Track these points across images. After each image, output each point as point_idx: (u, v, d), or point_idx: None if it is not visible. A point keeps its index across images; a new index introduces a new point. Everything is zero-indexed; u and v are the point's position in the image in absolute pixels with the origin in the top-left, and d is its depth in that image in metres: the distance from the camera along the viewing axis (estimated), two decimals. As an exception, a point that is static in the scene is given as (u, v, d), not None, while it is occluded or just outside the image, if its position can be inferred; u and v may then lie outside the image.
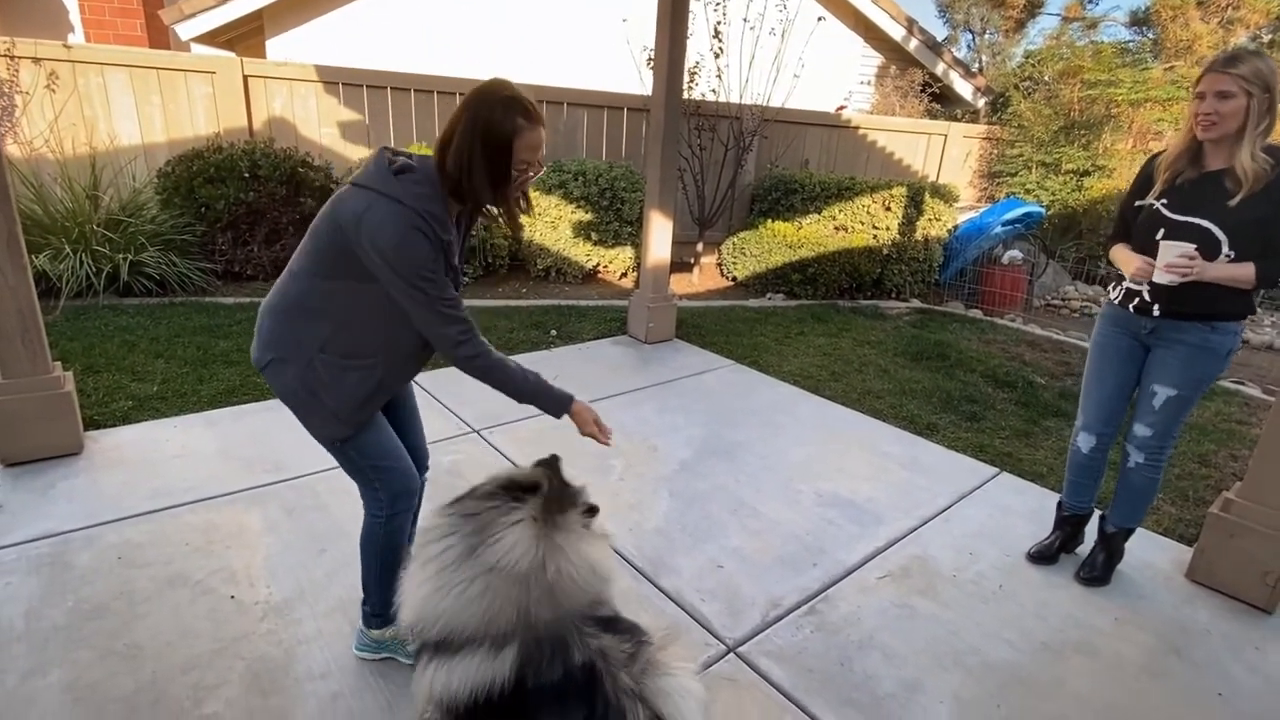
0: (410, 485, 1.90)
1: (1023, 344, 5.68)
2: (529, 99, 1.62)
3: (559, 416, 1.88)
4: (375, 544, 1.91)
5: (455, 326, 1.69)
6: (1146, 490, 2.58)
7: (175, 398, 3.56)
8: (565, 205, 6.18)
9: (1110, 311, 2.59)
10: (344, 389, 1.73)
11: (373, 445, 1.83)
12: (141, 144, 5.89)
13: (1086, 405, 2.67)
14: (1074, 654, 2.27)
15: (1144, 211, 2.39)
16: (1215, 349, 2.33)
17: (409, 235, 1.58)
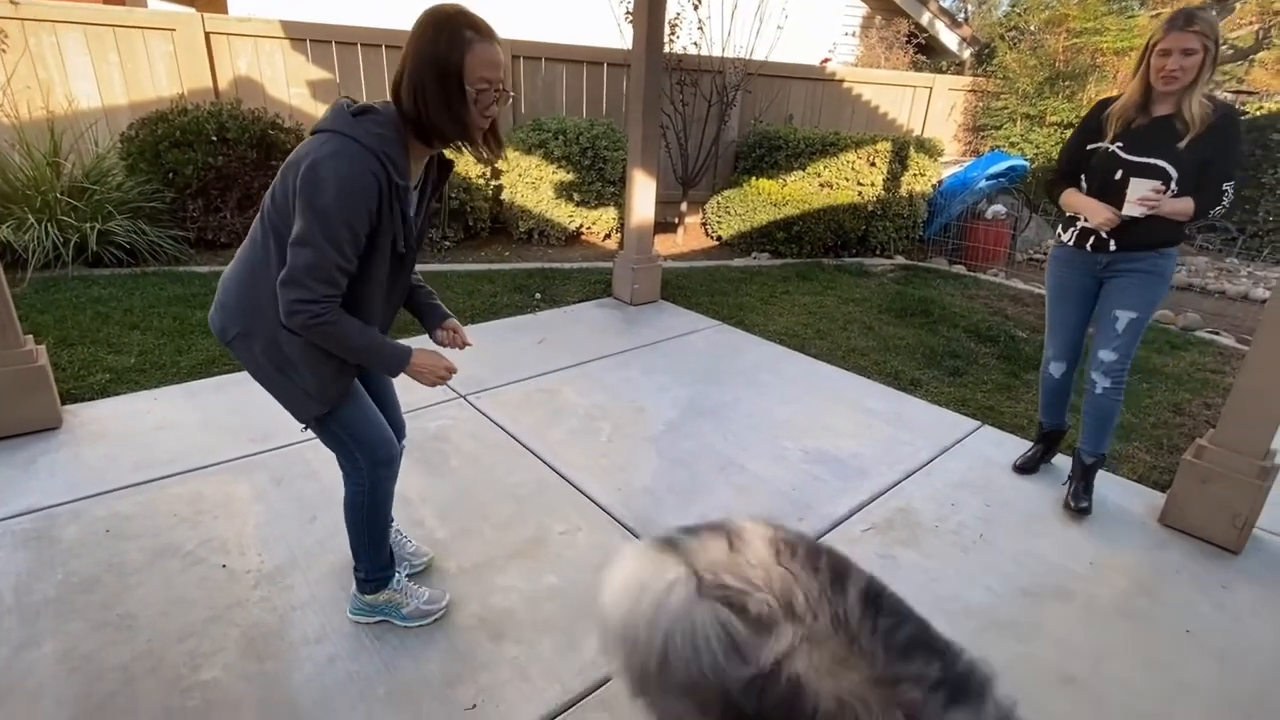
0: (391, 453, 1.89)
1: (1005, 299, 5.73)
2: (474, 14, 1.52)
3: (395, 374, 1.75)
4: (360, 512, 1.92)
5: (325, 288, 1.54)
6: (1112, 413, 2.80)
7: (154, 370, 3.50)
8: (546, 165, 6.06)
9: (1064, 254, 2.82)
10: (314, 366, 1.68)
11: (351, 417, 1.81)
12: (102, 106, 5.67)
13: (1054, 339, 2.94)
14: (1051, 598, 2.35)
15: (1098, 155, 2.60)
16: (1163, 272, 2.63)
17: (357, 175, 1.48)
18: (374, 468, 1.87)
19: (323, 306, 1.55)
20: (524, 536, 2.49)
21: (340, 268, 1.54)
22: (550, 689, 1.88)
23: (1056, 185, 2.78)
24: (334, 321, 1.58)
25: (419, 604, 2.06)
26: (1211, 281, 6.78)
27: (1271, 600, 2.40)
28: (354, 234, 1.53)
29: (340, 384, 1.75)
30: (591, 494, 2.77)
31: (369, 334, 1.66)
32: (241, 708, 1.77)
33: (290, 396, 1.75)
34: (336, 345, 1.63)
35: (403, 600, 2.05)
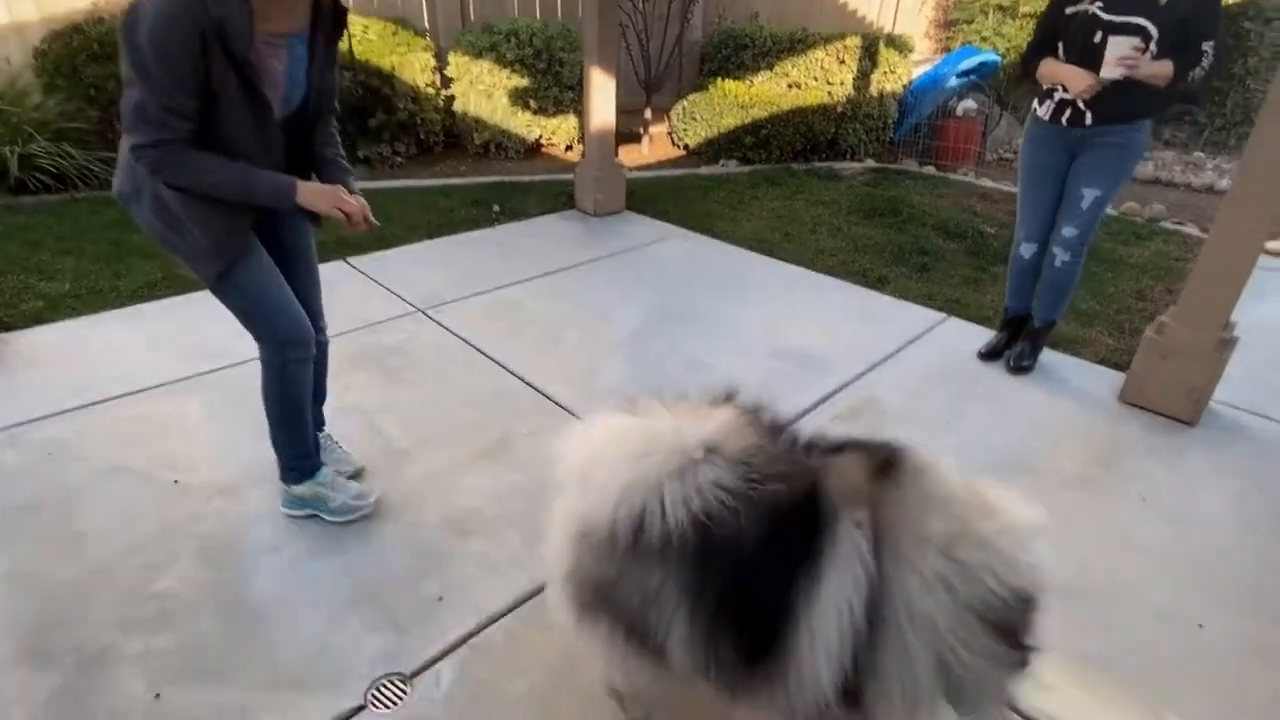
0: (301, 334, 1.84)
1: (974, 196, 5.65)
2: None
3: (288, 208, 1.66)
4: (272, 394, 1.89)
5: (155, 131, 1.48)
6: (1069, 284, 2.87)
7: (91, 295, 3.32)
8: (499, 71, 5.71)
9: (1040, 129, 2.77)
10: (202, 221, 1.63)
11: (255, 288, 1.76)
12: (10, 22, 5.16)
13: (1026, 219, 2.92)
14: (1015, 473, 2.38)
15: (1078, 18, 2.52)
16: (1135, 146, 2.62)
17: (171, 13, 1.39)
18: (282, 347, 1.82)
19: (159, 150, 1.50)
20: (488, 440, 2.45)
21: (167, 108, 1.46)
22: (518, 578, 1.87)
23: (1033, 57, 2.70)
24: (180, 162, 1.53)
25: (346, 499, 2.04)
26: (1178, 175, 6.75)
27: (1223, 467, 2.47)
28: (174, 75, 1.43)
29: (233, 240, 1.69)
30: (556, 397, 2.72)
31: (235, 168, 1.58)
32: (200, 613, 1.74)
33: (188, 255, 1.70)
34: (199, 184, 1.57)
35: (329, 495, 2.03)
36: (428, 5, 6.19)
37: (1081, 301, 3.74)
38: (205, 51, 1.44)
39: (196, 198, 1.60)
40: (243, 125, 1.58)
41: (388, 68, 5.25)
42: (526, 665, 1.64)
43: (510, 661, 1.65)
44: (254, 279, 1.75)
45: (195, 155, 1.53)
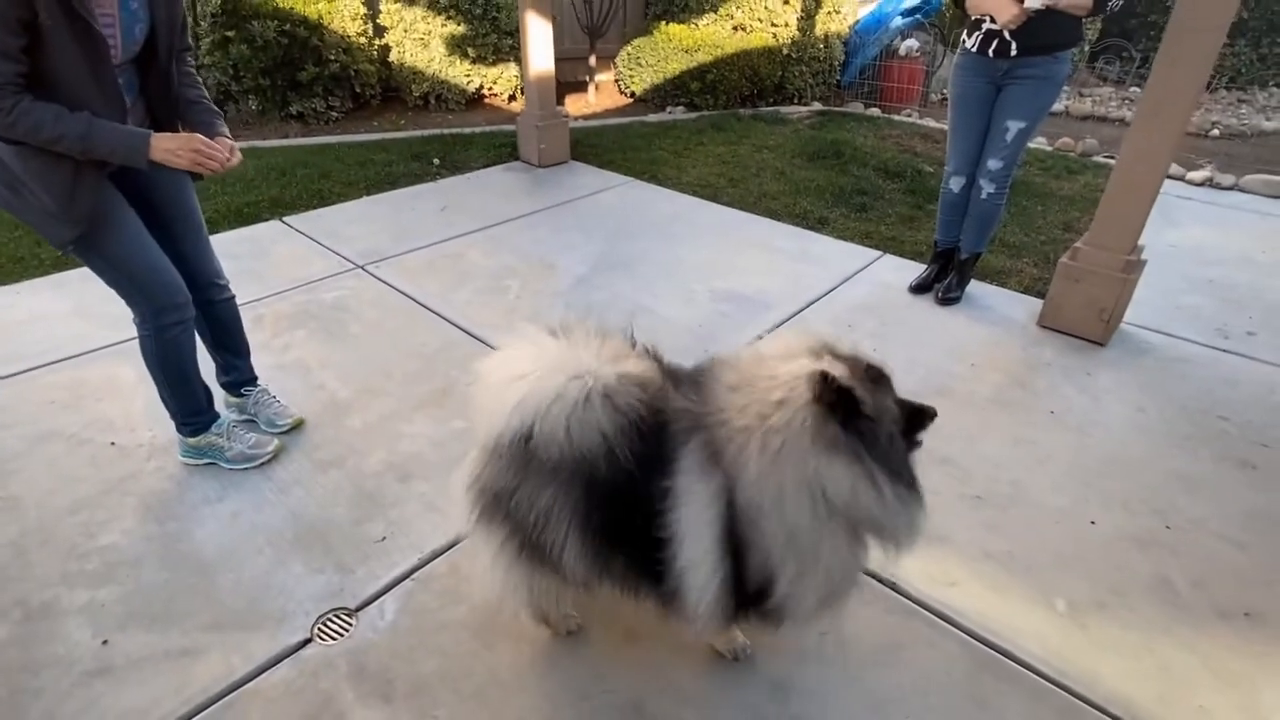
0: (173, 298, 1.81)
1: (916, 137, 5.72)
2: None
3: (142, 165, 1.58)
4: (151, 358, 1.88)
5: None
6: (994, 216, 3.00)
7: (11, 264, 3.21)
8: (434, 18, 5.51)
9: (968, 61, 2.85)
10: (42, 178, 1.54)
11: (118, 252, 1.70)
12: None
13: (955, 152, 3.01)
14: (934, 396, 2.49)
15: None
16: (1056, 77, 2.69)
17: None
18: (156, 314, 1.79)
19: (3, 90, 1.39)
20: (430, 389, 2.49)
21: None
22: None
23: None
24: (25, 117, 1.42)
25: (243, 448, 2.08)
26: (1114, 110, 6.92)
27: (1127, 383, 2.64)
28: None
29: (82, 200, 1.60)
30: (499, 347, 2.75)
31: (79, 119, 1.48)
32: (144, 565, 1.78)
33: (34, 218, 1.61)
34: (35, 136, 1.46)
35: (226, 445, 2.06)
36: (354, -51, 5.90)
37: (1011, 235, 3.88)
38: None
39: (34, 151, 1.49)
40: (75, 66, 1.47)
41: (315, 17, 5.03)
42: (467, 593, 1.72)
43: (451, 591, 1.73)
44: (116, 242, 1.68)
45: (30, 104, 1.43)
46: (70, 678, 1.52)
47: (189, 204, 1.91)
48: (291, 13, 4.93)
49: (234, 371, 2.22)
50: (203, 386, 2.03)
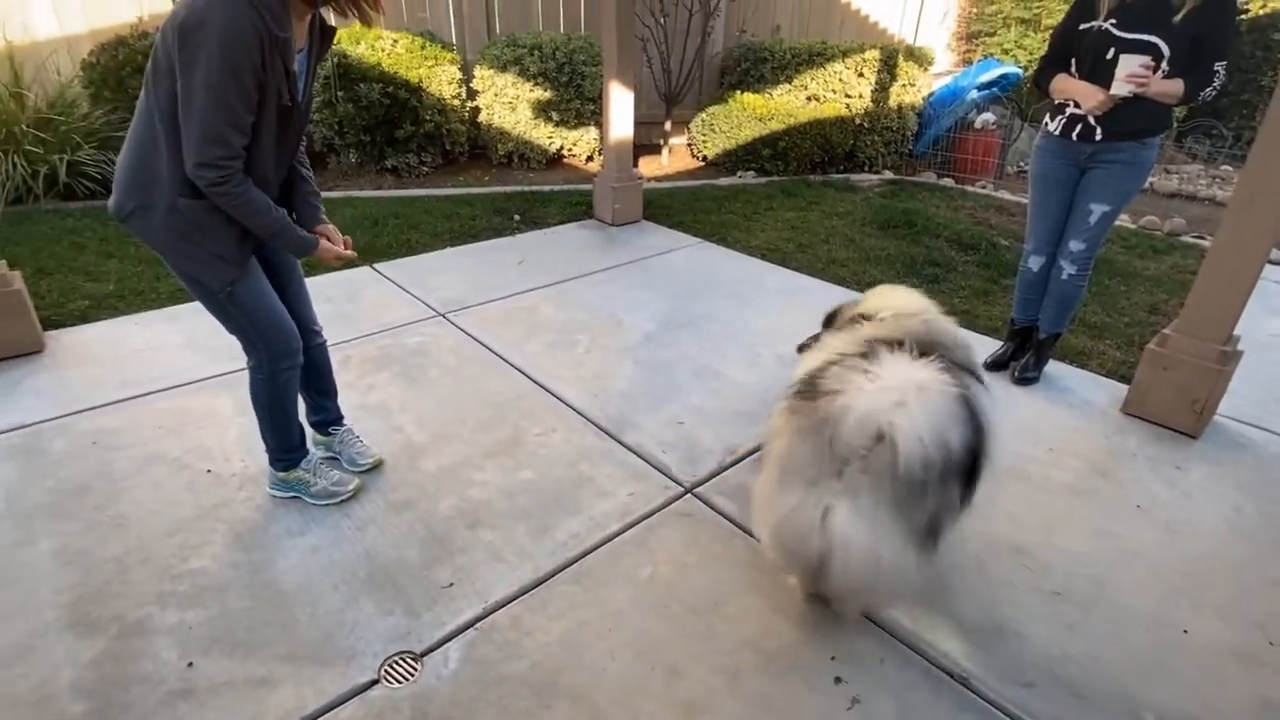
0: (291, 346, 1.99)
1: (991, 209, 5.67)
2: None
3: (304, 254, 1.89)
4: (261, 399, 2.04)
5: (217, 149, 1.56)
6: (1075, 297, 2.92)
7: (133, 296, 3.52)
8: (522, 84, 5.88)
9: (1050, 144, 2.82)
10: (217, 229, 1.73)
11: (253, 303, 1.89)
12: (62, 35, 5.45)
13: (1035, 231, 2.96)
14: (1009, 480, 2.44)
15: (1091, 34, 2.56)
16: (1143, 163, 2.66)
17: (236, 20, 1.48)
18: (274, 359, 1.97)
19: (222, 172, 1.59)
20: (501, 438, 2.57)
21: (233, 125, 1.56)
22: (523, 567, 1.98)
23: (1046, 71, 2.77)
24: (240, 192, 1.64)
25: (327, 485, 2.20)
26: (1203, 188, 6.69)
27: (1222, 478, 2.49)
28: (241, 87, 1.53)
29: (245, 249, 1.81)
30: (567, 399, 2.83)
31: (279, 214, 1.74)
32: (229, 591, 1.88)
33: (199, 262, 1.78)
34: (246, 213, 1.69)
35: (311, 480, 2.19)
36: (455, 19, 6.40)
37: (1092, 314, 3.76)
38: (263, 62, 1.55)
39: (215, 211, 1.68)
40: (269, 134, 1.69)
41: (415, 80, 5.44)
42: (529, 648, 1.74)
43: (513, 644, 1.75)
44: (251, 294, 1.87)
45: (253, 187, 1.66)
46: (156, 696, 1.60)
47: (294, 261, 2.12)
48: (395, 76, 5.35)
49: (323, 411, 2.36)
50: (299, 425, 2.17)
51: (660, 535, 2.13)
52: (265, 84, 1.59)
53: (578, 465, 2.44)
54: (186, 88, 1.52)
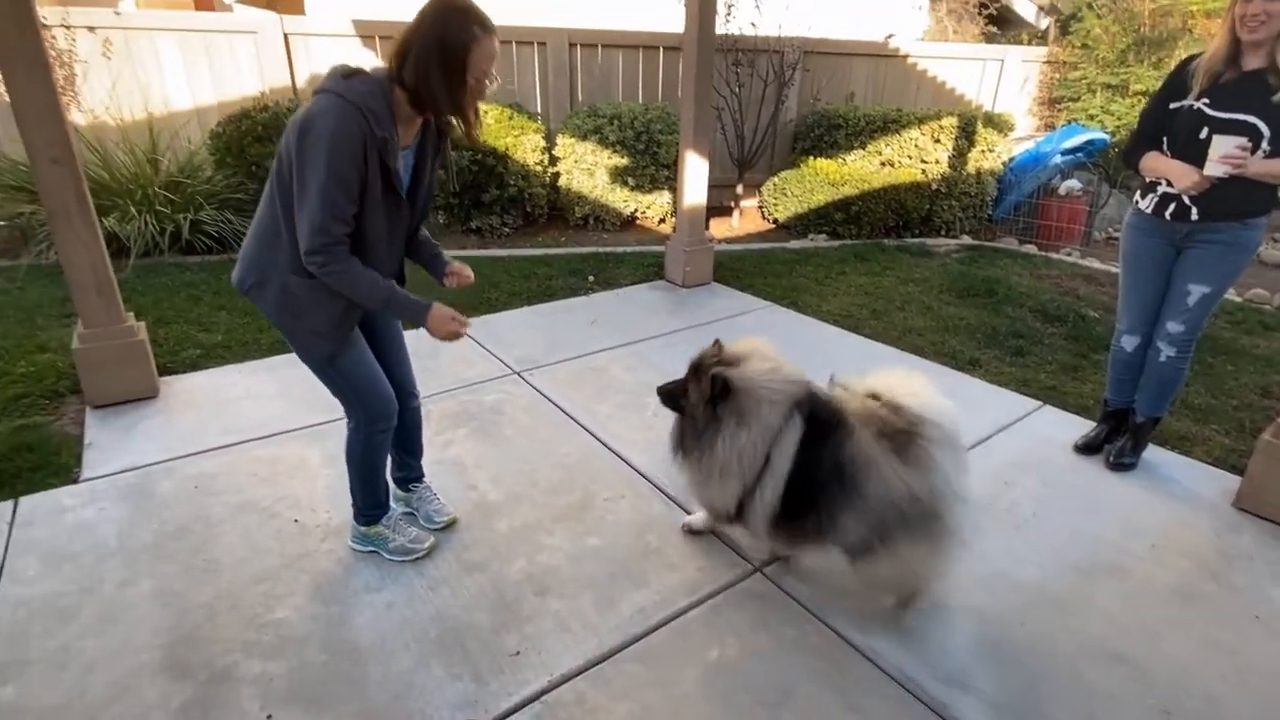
0: (388, 410, 2.08)
1: (1078, 278, 5.45)
2: (479, 9, 1.69)
3: (417, 323, 1.90)
4: (354, 458, 2.13)
5: (322, 237, 1.70)
6: (1176, 379, 2.74)
7: (238, 346, 3.79)
8: (601, 151, 6.14)
9: (1142, 221, 2.71)
10: (320, 307, 1.86)
11: (353, 370, 2.00)
12: (194, 107, 6.11)
13: (1128, 311, 2.82)
14: (1105, 576, 2.27)
15: (1182, 113, 2.48)
16: (1246, 244, 2.52)
17: (343, 123, 1.64)
18: (370, 422, 2.06)
19: (326, 255, 1.72)
20: (570, 501, 2.59)
21: (336, 216, 1.70)
22: (589, 640, 1.97)
23: (1135, 149, 2.66)
24: (343, 271, 1.76)
25: (404, 541, 2.27)
26: (1318, 259, 6.24)
27: (1357, 589, 2.25)
28: (344, 183, 1.68)
29: (347, 324, 1.93)
30: (636, 464, 2.84)
31: (386, 285, 1.83)
32: (308, 644, 1.94)
33: (302, 337, 1.93)
34: (352, 291, 1.80)
35: (390, 536, 2.26)
36: (541, 91, 6.80)
37: (1195, 395, 3.52)
38: (365, 159, 1.71)
39: (323, 287, 1.81)
40: (378, 221, 1.83)
41: (502, 148, 5.77)
42: (593, 727, 1.71)
43: (578, 721, 1.73)
44: (353, 362, 1.99)
45: (356, 266, 1.78)
46: (236, 746, 1.66)
47: (397, 328, 2.25)
48: (484, 144, 5.69)
49: (407, 469, 2.46)
50: (385, 483, 2.27)
51: (728, 615, 2.08)
52: (367, 178, 1.74)
53: (645, 535, 2.43)
54: (300, 182, 1.70)
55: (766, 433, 1.92)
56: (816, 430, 1.91)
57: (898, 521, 1.84)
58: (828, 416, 1.93)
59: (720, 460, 1.96)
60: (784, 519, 1.97)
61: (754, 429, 1.92)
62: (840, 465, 1.86)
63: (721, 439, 1.95)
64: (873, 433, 1.87)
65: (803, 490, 1.92)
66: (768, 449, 1.93)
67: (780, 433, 1.92)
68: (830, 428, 1.90)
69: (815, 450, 1.90)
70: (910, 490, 1.83)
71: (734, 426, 1.93)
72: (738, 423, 1.93)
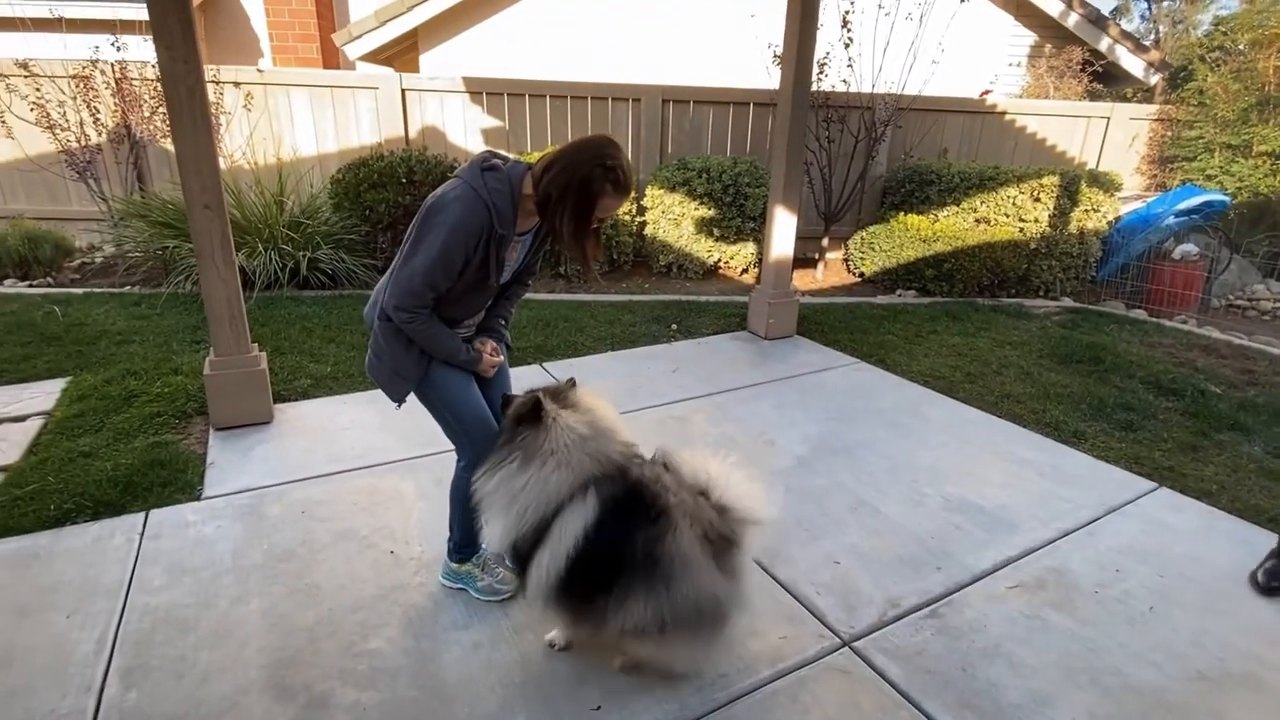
0: (490, 446, 2.14)
1: (1195, 348, 5.08)
2: (626, 168, 1.87)
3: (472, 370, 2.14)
4: (459, 491, 2.22)
5: (413, 299, 1.92)
6: None
7: (344, 378, 4.04)
8: (689, 202, 6.28)
9: None
10: (397, 352, 2.05)
11: (453, 395, 2.14)
12: (317, 155, 6.68)
13: None
14: (1236, 686, 2.06)
15: None
16: None
17: (466, 220, 1.85)
18: (474, 455, 2.15)
19: (411, 315, 1.95)
20: (652, 555, 2.59)
21: (431, 286, 1.91)
22: (671, 703, 1.94)
23: None
24: (423, 330, 1.98)
25: (492, 581, 2.34)
26: None
27: None
28: (450, 267, 1.90)
29: (417, 369, 2.09)
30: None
31: (455, 345, 2.06)
32: (399, 677, 2.00)
33: (384, 376, 2.12)
34: (425, 341, 2.02)
35: (479, 575, 2.34)
36: (633, 145, 7.05)
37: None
38: (475, 247, 1.92)
39: (401, 334, 2.02)
40: (469, 288, 2.04)
41: (594, 197, 5.99)
42: (674, 795, 1.68)
43: (659, 787, 1.70)
44: (451, 391, 2.13)
45: (437, 326, 2.01)
46: (330, 773, 1.72)
47: (506, 375, 2.40)
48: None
49: None
50: None
51: (814, 691, 2.01)
52: (471, 262, 1.94)
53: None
54: (412, 248, 1.92)
55: (543, 494, 1.81)
56: (623, 516, 1.81)
57: (691, 618, 1.79)
58: (644, 503, 1.83)
59: (490, 488, 1.88)
60: (569, 596, 1.86)
61: (532, 482, 1.82)
62: (655, 559, 1.77)
63: (504, 467, 1.87)
64: (697, 533, 1.80)
65: (599, 573, 1.81)
66: (543, 514, 1.82)
67: (563, 505, 1.81)
68: (645, 517, 1.81)
69: (620, 535, 1.79)
70: (716, 595, 1.80)
71: (519, 461, 1.85)
72: (522, 461, 1.84)
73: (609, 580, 1.81)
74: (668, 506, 1.82)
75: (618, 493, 1.84)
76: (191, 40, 2.91)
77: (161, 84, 3.01)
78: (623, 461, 1.90)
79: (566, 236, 1.90)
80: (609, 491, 1.83)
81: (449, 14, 7.97)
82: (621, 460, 1.91)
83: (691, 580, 1.78)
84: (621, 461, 1.90)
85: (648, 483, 1.87)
